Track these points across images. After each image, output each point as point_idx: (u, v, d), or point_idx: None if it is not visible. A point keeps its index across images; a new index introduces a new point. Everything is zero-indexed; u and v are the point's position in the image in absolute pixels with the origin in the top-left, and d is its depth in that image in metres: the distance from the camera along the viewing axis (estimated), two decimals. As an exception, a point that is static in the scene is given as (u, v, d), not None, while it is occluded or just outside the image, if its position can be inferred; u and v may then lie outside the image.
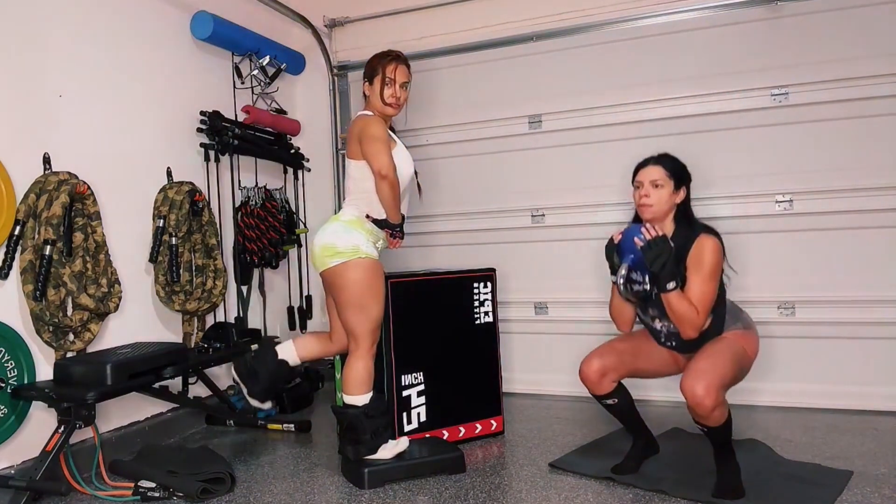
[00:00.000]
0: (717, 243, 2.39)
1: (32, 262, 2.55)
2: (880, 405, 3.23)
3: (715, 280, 2.37)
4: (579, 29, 3.72)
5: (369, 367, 2.62)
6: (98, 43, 2.97)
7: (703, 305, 2.35)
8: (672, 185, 2.45)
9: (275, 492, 2.56)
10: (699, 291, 2.34)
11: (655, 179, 2.44)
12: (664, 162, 2.48)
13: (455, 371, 3.07)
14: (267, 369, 2.76)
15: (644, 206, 2.45)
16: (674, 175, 2.46)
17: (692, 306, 2.32)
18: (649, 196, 2.44)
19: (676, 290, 2.31)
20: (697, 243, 2.38)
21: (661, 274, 2.29)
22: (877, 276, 3.26)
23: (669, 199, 2.45)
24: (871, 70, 3.21)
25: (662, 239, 2.33)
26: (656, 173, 2.45)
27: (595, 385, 2.52)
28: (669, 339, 2.54)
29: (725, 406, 2.30)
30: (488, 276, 3.19)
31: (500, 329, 3.23)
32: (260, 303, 3.84)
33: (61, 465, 2.48)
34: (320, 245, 2.60)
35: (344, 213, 2.68)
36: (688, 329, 2.35)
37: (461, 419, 3.06)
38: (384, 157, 2.54)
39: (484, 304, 3.16)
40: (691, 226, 2.46)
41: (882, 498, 2.29)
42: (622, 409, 2.59)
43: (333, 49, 4.31)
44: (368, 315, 2.59)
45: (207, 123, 3.45)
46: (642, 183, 2.47)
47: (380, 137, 2.58)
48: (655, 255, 2.29)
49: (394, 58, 2.73)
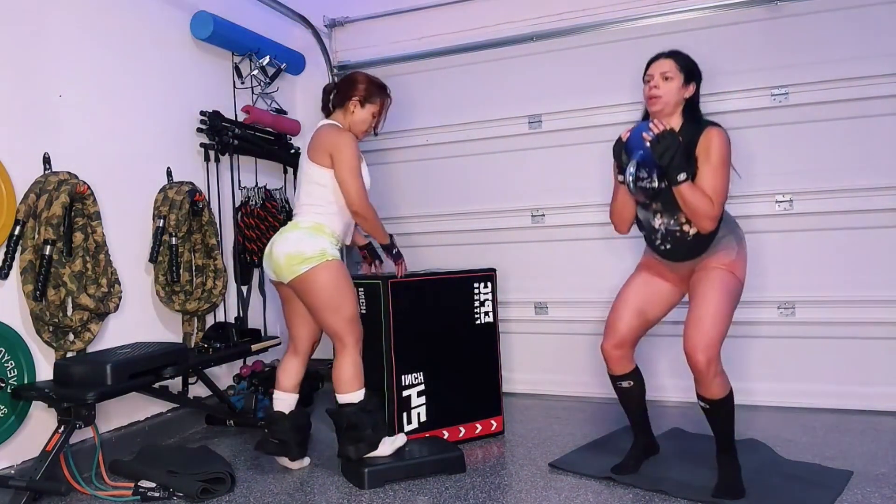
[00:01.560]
0: (725, 135, 2.37)
1: (32, 262, 2.55)
2: (880, 405, 3.23)
3: (726, 169, 2.35)
4: (579, 29, 3.72)
5: (358, 363, 2.64)
6: (98, 43, 2.97)
7: (717, 195, 2.32)
8: (682, 79, 2.43)
9: (275, 492, 2.56)
10: (711, 182, 2.32)
11: (665, 71, 2.42)
12: (675, 56, 2.47)
13: (455, 371, 3.07)
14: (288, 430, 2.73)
15: (653, 97, 2.42)
16: (684, 69, 2.44)
17: (705, 196, 2.30)
18: (659, 87, 2.41)
19: (688, 182, 2.29)
20: (705, 135, 2.36)
21: (670, 166, 2.27)
22: (877, 276, 3.26)
23: (679, 93, 2.43)
24: (871, 70, 3.22)
25: (670, 132, 2.31)
26: (667, 65, 2.44)
27: (615, 362, 2.54)
28: (665, 241, 2.48)
29: (725, 377, 2.33)
30: (489, 277, 3.19)
31: (500, 329, 3.23)
32: (260, 303, 3.84)
33: (61, 465, 2.48)
34: (285, 254, 2.59)
35: (303, 219, 2.67)
36: (703, 221, 2.32)
37: (461, 419, 3.07)
38: (361, 195, 2.63)
39: (484, 304, 3.15)
40: (698, 121, 2.44)
41: (882, 498, 2.29)
42: (634, 396, 2.60)
43: (333, 49, 4.31)
44: (344, 313, 2.61)
45: (207, 123, 3.45)
46: (652, 76, 2.45)
47: (356, 166, 2.65)
48: (664, 149, 2.27)
49: (389, 94, 2.85)
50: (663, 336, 3.26)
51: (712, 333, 2.28)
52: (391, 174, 4.17)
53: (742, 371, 3.26)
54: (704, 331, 2.28)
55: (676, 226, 2.41)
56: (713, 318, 2.30)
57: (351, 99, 2.77)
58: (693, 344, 2.28)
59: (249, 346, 3.35)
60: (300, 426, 2.78)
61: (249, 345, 3.35)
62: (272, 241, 2.70)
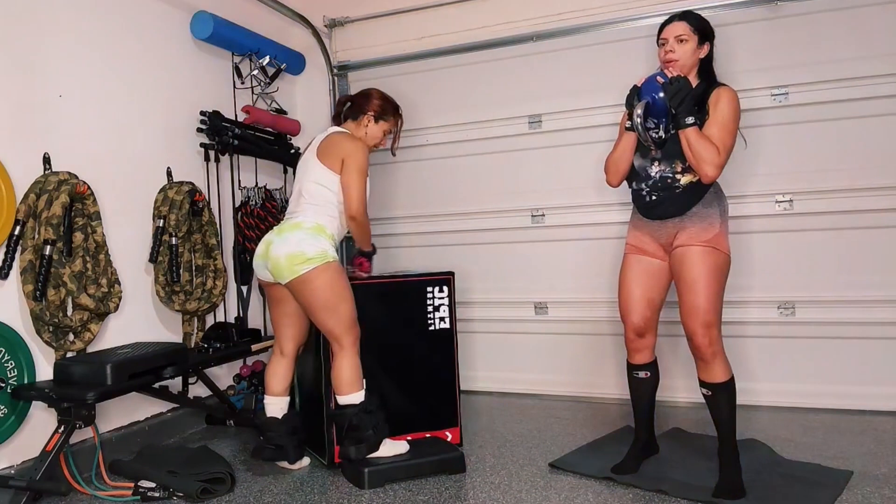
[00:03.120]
0: (736, 96, 2.43)
1: (32, 262, 2.55)
2: (880, 405, 3.23)
3: (734, 125, 2.40)
4: (579, 29, 3.72)
5: (357, 365, 2.64)
6: (98, 43, 2.97)
7: (724, 145, 2.36)
8: (696, 40, 2.47)
9: (275, 492, 2.56)
10: (719, 132, 2.37)
11: (680, 34, 2.46)
12: (689, 18, 2.50)
13: (405, 380, 2.94)
14: (283, 434, 2.73)
15: (670, 61, 2.46)
16: (698, 30, 2.48)
17: (712, 144, 2.34)
18: (674, 51, 2.46)
19: (695, 127, 2.34)
20: (716, 91, 2.43)
21: (680, 109, 2.33)
22: (877, 276, 3.26)
23: (694, 54, 2.48)
24: (871, 70, 3.21)
25: (684, 78, 2.37)
26: (681, 28, 2.47)
27: (637, 351, 2.59)
28: (654, 190, 2.48)
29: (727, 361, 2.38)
30: (445, 281, 3.02)
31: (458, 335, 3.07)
32: (260, 303, 3.84)
33: (61, 465, 2.48)
34: (286, 255, 2.59)
35: (305, 220, 2.68)
36: (707, 167, 2.34)
37: (409, 430, 2.89)
38: (362, 201, 2.72)
39: (439, 309, 3.01)
40: (712, 82, 2.49)
41: (882, 498, 2.29)
42: (647, 388, 2.62)
43: (333, 49, 4.31)
44: (343, 315, 2.62)
45: (207, 123, 3.45)
46: (667, 39, 2.49)
47: (364, 174, 2.73)
48: (675, 91, 2.33)
49: (401, 115, 2.99)
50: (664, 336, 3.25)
51: (709, 316, 2.35)
52: (391, 174, 4.17)
53: (742, 371, 3.24)
54: (701, 316, 2.34)
55: (671, 173, 2.43)
56: (706, 301, 2.35)
57: (366, 113, 2.87)
58: (693, 328, 2.35)
59: (249, 346, 3.34)
60: (295, 429, 2.77)
61: (249, 345, 3.35)
62: (267, 241, 2.69)
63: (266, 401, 2.79)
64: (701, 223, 2.41)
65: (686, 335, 2.39)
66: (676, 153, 2.40)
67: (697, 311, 2.35)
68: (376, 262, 3.10)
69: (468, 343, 3.95)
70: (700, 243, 2.39)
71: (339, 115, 2.95)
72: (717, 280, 2.39)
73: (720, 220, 2.43)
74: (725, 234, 2.45)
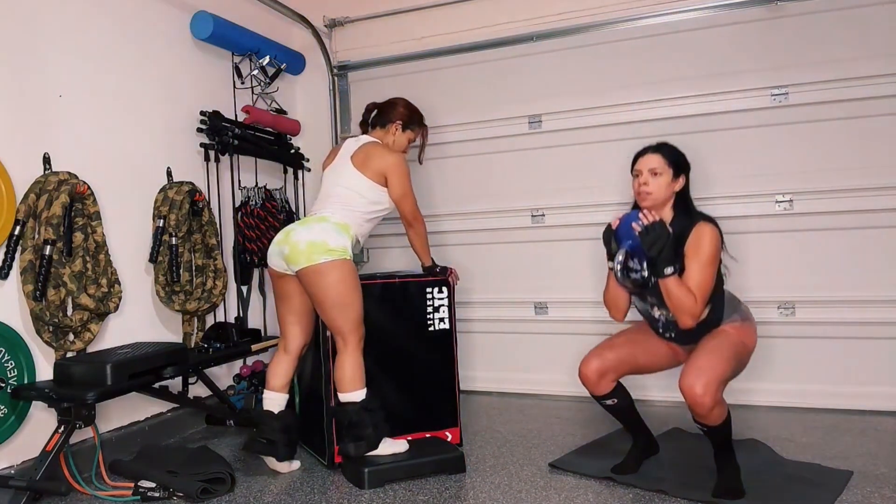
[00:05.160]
0: (716, 231, 2.38)
1: (32, 262, 2.55)
2: (880, 405, 3.23)
3: (713, 267, 2.36)
4: (579, 29, 3.72)
5: (360, 363, 2.65)
6: (98, 43, 2.97)
7: (702, 292, 2.32)
8: (671, 174, 2.44)
9: (275, 492, 2.56)
10: (697, 278, 2.32)
11: (654, 168, 2.43)
12: (663, 150, 2.48)
13: (404, 380, 2.93)
14: (277, 430, 2.71)
15: (643, 193, 2.44)
16: (672, 163, 2.45)
17: (690, 293, 2.30)
18: (648, 184, 2.43)
19: (674, 276, 2.29)
20: (696, 230, 2.37)
21: (658, 259, 2.28)
22: (877, 276, 3.26)
23: (668, 188, 2.44)
24: (871, 70, 3.21)
25: (660, 224, 2.31)
26: (655, 161, 2.45)
27: (594, 385, 2.52)
28: (668, 329, 2.51)
29: (724, 405, 2.30)
30: (444, 281, 3.01)
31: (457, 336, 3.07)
32: (260, 303, 3.84)
33: (61, 465, 2.48)
34: (308, 241, 2.60)
35: (333, 215, 2.71)
36: (685, 318, 2.32)
37: (409, 430, 2.88)
38: (416, 208, 2.87)
39: (439, 310, 3.01)
40: (690, 214, 2.45)
41: (882, 498, 2.29)
42: (622, 410, 2.59)
43: (333, 49, 4.31)
44: (351, 312, 2.63)
45: (207, 123, 3.45)
46: (641, 171, 2.46)
47: (410, 185, 2.85)
48: (653, 240, 2.28)
49: (426, 124, 3.09)
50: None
51: (715, 377, 2.24)
52: (391, 174, 4.17)
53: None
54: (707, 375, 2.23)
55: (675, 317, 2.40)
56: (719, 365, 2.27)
57: (393, 122, 2.95)
58: (692, 385, 2.23)
59: (249, 346, 3.34)
60: (289, 426, 2.77)
61: (249, 345, 3.35)
62: (288, 230, 2.71)
63: (265, 395, 2.79)
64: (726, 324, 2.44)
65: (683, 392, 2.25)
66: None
67: (704, 371, 2.24)
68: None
69: (468, 343, 3.95)
70: (726, 328, 2.42)
71: (367, 121, 3.02)
72: (734, 356, 2.34)
73: (741, 320, 2.45)
74: (750, 329, 2.45)
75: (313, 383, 2.91)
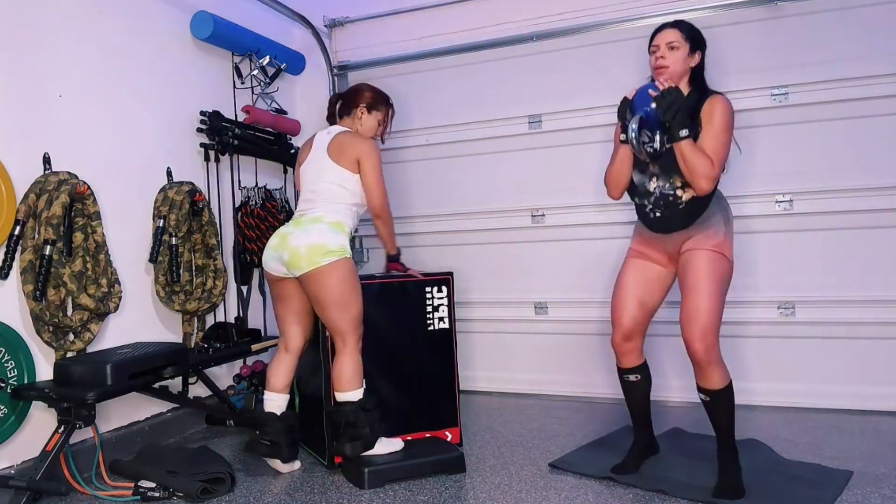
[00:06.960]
0: (729, 104, 2.41)
1: (32, 262, 2.55)
2: (880, 405, 3.23)
3: (727, 135, 2.38)
4: (579, 29, 3.72)
5: (359, 362, 2.65)
6: (98, 43, 2.97)
7: (718, 157, 2.34)
8: (688, 48, 2.45)
9: (275, 492, 2.56)
10: (712, 144, 2.34)
11: (671, 41, 2.44)
12: (681, 25, 2.49)
13: (404, 380, 2.94)
14: (280, 431, 2.71)
15: (660, 67, 2.44)
16: (690, 38, 2.46)
17: (705, 156, 2.32)
18: (665, 58, 2.44)
19: (689, 140, 2.32)
20: (709, 102, 2.40)
21: (673, 122, 2.31)
22: (877, 276, 3.26)
23: (685, 62, 2.45)
24: (871, 70, 3.21)
25: (676, 89, 2.35)
26: (673, 35, 2.46)
27: (625, 355, 2.56)
28: (657, 207, 2.47)
29: (724, 367, 2.35)
30: (444, 281, 3.02)
31: (457, 335, 3.08)
32: (260, 303, 3.84)
33: (61, 465, 2.48)
34: (308, 245, 2.59)
35: (326, 215, 2.70)
36: (701, 181, 2.32)
37: (408, 430, 2.89)
38: (385, 198, 2.79)
39: (438, 309, 3.01)
40: (704, 90, 2.47)
41: (882, 498, 2.29)
42: (640, 390, 2.61)
43: (333, 49, 4.31)
44: (352, 312, 2.63)
45: (207, 123, 3.45)
46: (658, 46, 2.47)
47: (381, 172, 2.78)
48: (668, 104, 2.31)
49: (392, 104, 3.01)
50: (663, 336, 3.27)
51: (708, 322, 2.32)
52: (391, 174, 4.15)
53: (742, 371, 3.25)
54: (700, 321, 2.32)
55: (671, 189, 2.42)
56: (707, 306, 2.33)
57: (358, 106, 2.90)
58: (691, 334, 2.32)
59: (249, 346, 3.35)
60: (291, 427, 2.77)
61: (249, 345, 3.35)
62: (283, 234, 2.69)
63: (266, 396, 2.79)
64: (706, 230, 2.41)
65: (684, 341, 2.36)
66: (674, 168, 2.38)
67: (697, 315, 2.33)
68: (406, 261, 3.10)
69: (468, 343, 3.95)
70: (706, 248, 2.39)
71: (334, 114, 2.99)
72: (719, 286, 2.38)
73: (724, 227, 2.43)
74: (730, 240, 2.45)
75: (313, 383, 2.91)
